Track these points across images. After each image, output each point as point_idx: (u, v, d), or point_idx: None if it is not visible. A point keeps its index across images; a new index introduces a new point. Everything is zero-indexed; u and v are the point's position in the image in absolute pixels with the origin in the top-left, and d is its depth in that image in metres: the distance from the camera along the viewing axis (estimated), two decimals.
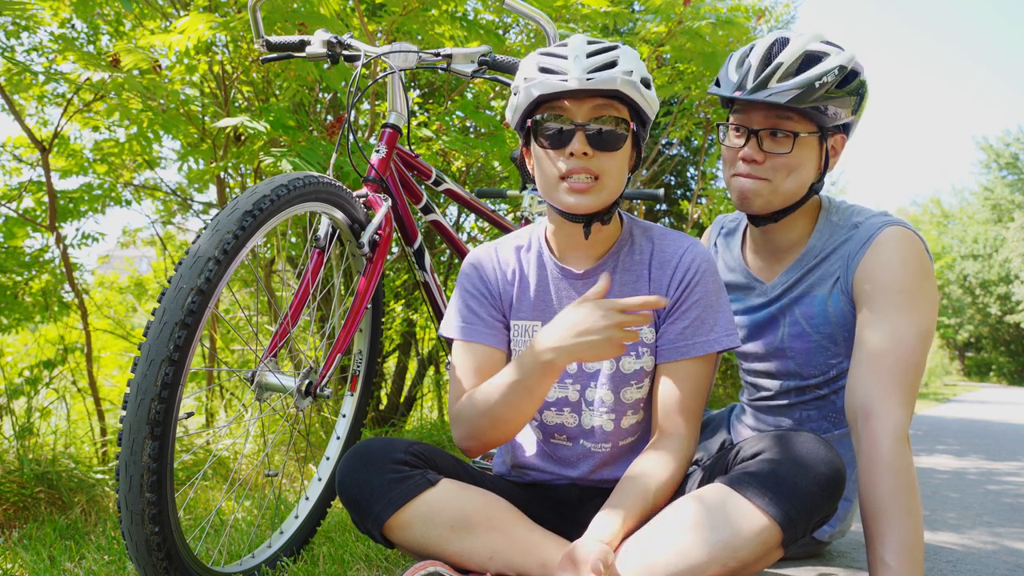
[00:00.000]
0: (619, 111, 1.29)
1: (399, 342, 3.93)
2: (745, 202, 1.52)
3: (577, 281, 1.39)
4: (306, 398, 1.39)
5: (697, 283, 1.35)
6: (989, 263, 29.33)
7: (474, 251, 1.49)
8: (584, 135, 1.26)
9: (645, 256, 1.39)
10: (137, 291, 4.11)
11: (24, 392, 2.46)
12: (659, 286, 1.37)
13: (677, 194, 6.36)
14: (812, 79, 1.43)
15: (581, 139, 1.26)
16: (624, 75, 1.25)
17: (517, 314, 1.43)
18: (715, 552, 1.14)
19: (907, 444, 1.30)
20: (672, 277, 1.36)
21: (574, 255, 1.40)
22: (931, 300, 1.42)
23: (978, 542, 2.08)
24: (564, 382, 1.40)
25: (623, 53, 1.28)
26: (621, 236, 1.41)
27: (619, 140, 1.29)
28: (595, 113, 1.27)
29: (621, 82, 1.25)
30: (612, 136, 1.28)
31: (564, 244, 1.41)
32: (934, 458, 4.11)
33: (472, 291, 1.43)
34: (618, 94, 1.27)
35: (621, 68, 1.25)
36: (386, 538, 1.28)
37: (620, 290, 1.38)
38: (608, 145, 1.28)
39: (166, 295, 1.14)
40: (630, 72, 1.26)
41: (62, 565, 1.50)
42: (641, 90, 1.28)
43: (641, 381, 1.38)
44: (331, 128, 2.57)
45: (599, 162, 1.28)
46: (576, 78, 1.23)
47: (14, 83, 2.32)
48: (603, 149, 1.28)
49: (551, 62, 1.28)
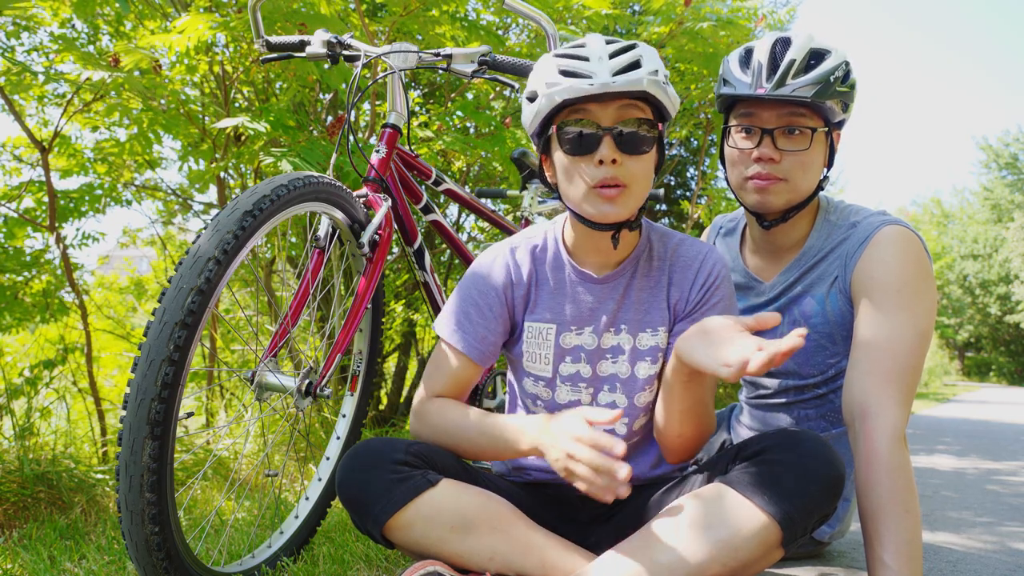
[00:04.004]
0: (644, 112, 1.25)
1: (399, 342, 3.93)
2: (765, 204, 1.50)
3: (595, 286, 1.38)
4: (306, 398, 1.39)
5: (718, 287, 1.35)
6: (989, 263, 29.32)
7: (489, 250, 1.45)
8: (612, 140, 1.22)
9: (665, 263, 1.38)
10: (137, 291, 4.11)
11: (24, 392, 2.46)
12: (680, 290, 1.36)
13: (677, 194, 6.37)
14: (827, 74, 1.43)
15: (609, 144, 1.22)
16: (650, 75, 1.21)
17: (531, 316, 1.41)
18: (715, 551, 1.14)
19: (904, 444, 1.30)
20: (695, 280, 1.36)
21: (594, 260, 1.38)
22: (929, 299, 1.42)
23: (978, 542, 2.08)
24: (578, 385, 1.39)
25: (645, 52, 1.24)
26: (640, 242, 1.39)
27: (647, 143, 1.25)
28: (621, 115, 1.23)
29: (648, 82, 1.21)
30: (640, 139, 1.24)
31: (585, 249, 1.38)
32: (934, 458, 4.11)
33: (476, 298, 1.40)
34: (644, 95, 1.24)
35: (647, 68, 1.21)
36: (386, 538, 1.28)
37: (639, 295, 1.37)
38: (636, 148, 1.24)
39: (166, 295, 1.14)
40: (655, 71, 1.22)
41: (62, 565, 1.50)
42: (666, 89, 1.25)
43: (654, 385, 1.38)
44: (331, 128, 2.57)
45: (627, 168, 1.24)
46: (602, 81, 1.19)
47: (14, 83, 2.32)
48: (631, 153, 1.24)
49: (573, 64, 1.23)
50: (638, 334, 1.37)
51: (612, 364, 1.37)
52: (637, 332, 1.37)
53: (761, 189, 1.49)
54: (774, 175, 1.48)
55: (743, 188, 1.52)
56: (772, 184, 1.48)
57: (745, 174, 1.50)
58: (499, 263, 1.41)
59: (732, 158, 1.53)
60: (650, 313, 1.37)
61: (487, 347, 1.39)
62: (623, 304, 1.37)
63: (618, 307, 1.37)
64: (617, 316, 1.37)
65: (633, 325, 1.37)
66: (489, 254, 1.44)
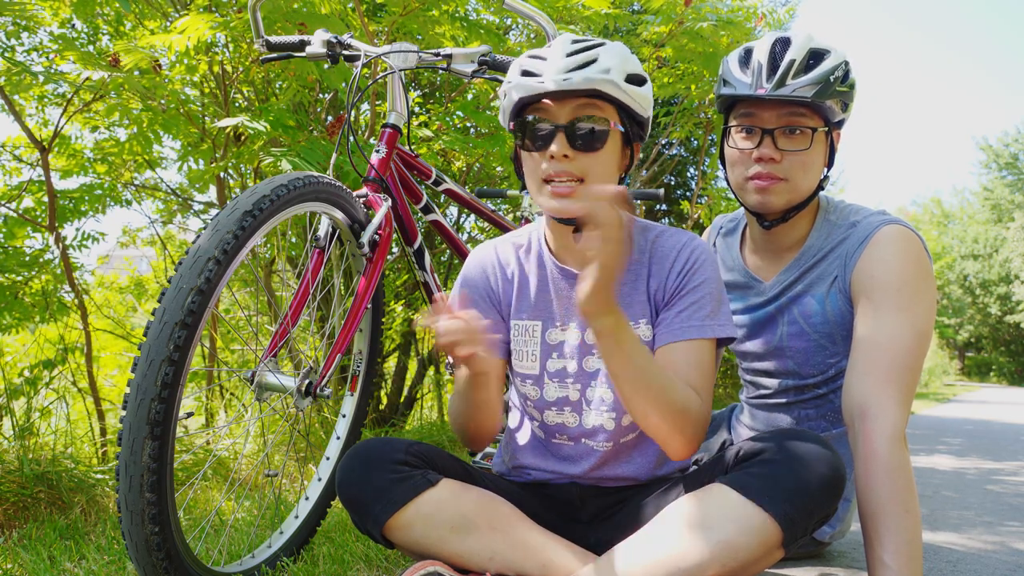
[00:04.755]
0: (602, 110, 1.27)
1: (399, 342, 3.93)
2: (766, 204, 1.50)
3: (577, 282, 1.39)
4: (306, 398, 1.39)
5: (697, 270, 1.34)
6: (989, 263, 29.33)
7: (476, 250, 1.49)
8: (564, 136, 1.25)
9: (644, 255, 1.39)
10: (137, 291, 4.10)
11: (24, 392, 2.46)
12: (659, 280, 1.36)
13: (677, 194, 6.36)
14: (827, 73, 1.43)
15: (561, 140, 1.24)
16: (601, 73, 1.22)
17: (517, 314, 1.43)
18: (715, 552, 1.14)
19: (904, 444, 1.30)
20: (672, 268, 1.35)
21: (573, 256, 1.40)
22: (929, 299, 1.42)
23: (978, 542, 2.08)
24: (565, 381, 1.40)
25: (605, 51, 1.25)
26: None
27: (600, 140, 1.26)
28: (576, 113, 1.25)
29: (599, 81, 1.22)
30: (592, 135, 1.25)
31: (562, 244, 1.40)
32: (934, 458, 4.11)
33: (472, 295, 1.43)
34: (599, 93, 1.25)
35: (599, 66, 1.23)
36: (386, 538, 1.28)
37: (620, 288, 1.38)
38: (588, 145, 1.25)
39: (166, 295, 1.14)
40: (607, 70, 1.23)
41: (62, 565, 1.50)
42: (624, 87, 1.25)
43: None
44: (331, 128, 2.57)
45: (581, 164, 1.26)
46: (552, 79, 1.22)
47: (14, 83, 2.32)
48: (584, 150, 1.25)
49: (531, 64, 1.27)
50: None
51: (598, 359, 1.37)
52: None
53: (762, 189, 1.49)
54: (775, 175, 1.48)
55: (743, 188, 1.52)
56: (773, 184, 1.48)
57: (746, 174, 1.50)
58: (486, 261, 1.45)
59: (732, 158, 1.53)
60: (632, 307, 1.37)
61: (496, 339, 1.41)
62: None
63: None
64: None
65: None
66: (476, 253, 1.48)
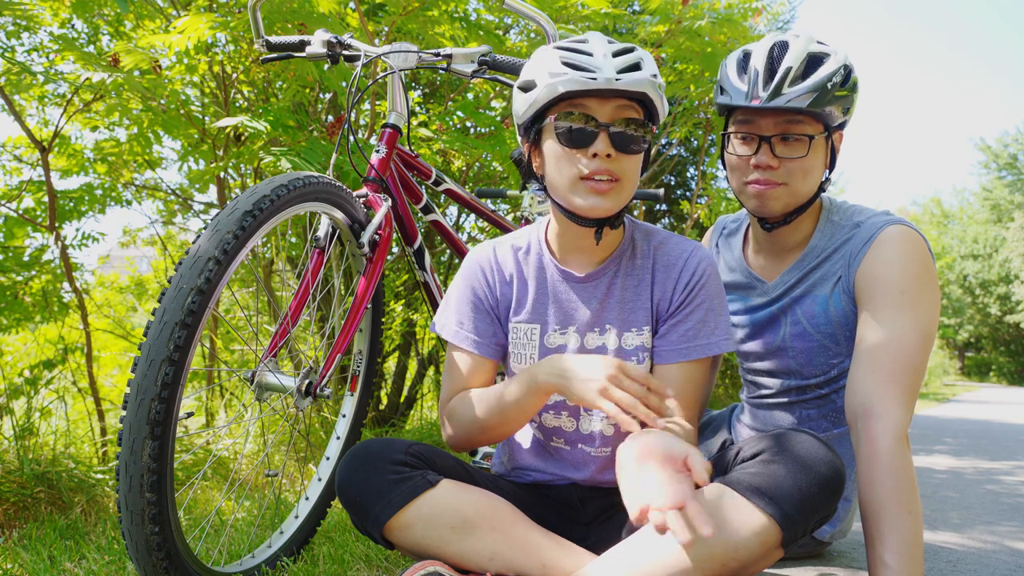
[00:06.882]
0: (639, 113, 1.28)
1: (399, 342, 3.92)
2: (764, 208, 1.50)
3: (578, 284, 1.39)
4: (306, 398, 1.39)
5: (702, 286, 1.35)
6: (989, 263, 29.33)
7: (474, 250, 1.48)
8: (607, 136, 1.25)
9: (648, 261, 1.38)
10: (137, 291, 4.11)
11: (24, 392, 2.46)
12: (663, 289, 1.37)
13: (677, 194, 6.36)
14: (823, 81, 1.42)
15: (605, 140, 1.24)
16: (651, 77, 1.24)
17: (516, 317, 1.42)
18: (715, 551, 1.13)
19: (907, 444, 1.30)
20: (678, 280, 1.36)
21: (577, 258, 1.39)
22: (933, 300, 1.42)
23: (978, 542, 2.08)
24: None
25: (645, 56, 1.27)
26: (624, 240, 1.40)
27: (640, 143, 1.28)
28: (618, 114, 1.26)
29: (648, 84, 1.24)
30: (634, 139, 1.26)
31: (568, 247, 1.39)
32: (933, 458, 4.11)
33: (471, 296, 1.43)
34: (641, 96, 1.26)
35: (648, 71, 1.25)
36: (386, 539, 1.28)
37: (622, 294, 1.38)
38: (630, 147, 1.26)
39: (166, 295, 1.14)
40: (654, 75, 1.25)
41: (62, 565, 1.50)
42: (662, 94, 1.28)
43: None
44: (331, 128, 2.56)
45: (622, 164, 1.27)
46: (606, 77, 1.21)
47: (14, 83, 2.32)
48: (625, 151, 1.26)
49: (577, 58, 1.25)
50: (624, 334, 1.37)
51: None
52: (623, 332, 1.37)
53: (760, 194, 1.49)
54: (773, 180, 1.48)
55: (743, 193, 1.53)
56: (771, 189, 1.48)
57: (745, 180, 1.51)
58: (484, 262, 1.44)
59: (732, 164, 1.54)
60: (635, 312, 1.37)
61: (491, 340, 1.41)
62: (606, 303, 1.38)
63: (601, 306, 1.38)
64: (601, 315, 1.38)
65: (619, 325, 1.37)
66: (473, 254, 1.47)
